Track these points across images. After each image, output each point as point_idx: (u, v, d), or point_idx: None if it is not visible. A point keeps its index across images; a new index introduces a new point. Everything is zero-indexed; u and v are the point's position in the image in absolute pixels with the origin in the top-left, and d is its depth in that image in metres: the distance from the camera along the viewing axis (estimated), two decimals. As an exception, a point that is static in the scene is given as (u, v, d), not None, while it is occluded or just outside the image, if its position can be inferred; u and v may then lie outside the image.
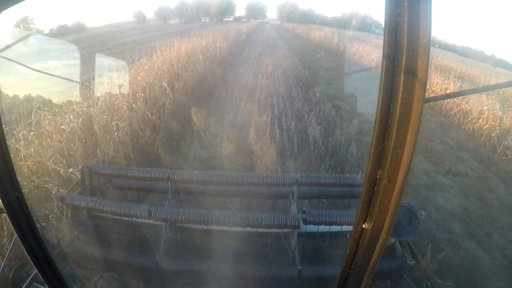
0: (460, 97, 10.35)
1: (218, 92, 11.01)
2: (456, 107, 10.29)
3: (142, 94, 9.08)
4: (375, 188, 1.11)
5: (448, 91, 11.01)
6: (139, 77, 10.16)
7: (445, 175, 6.84)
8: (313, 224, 3.13)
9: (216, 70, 12.57)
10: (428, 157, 7.50)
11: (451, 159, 7.58)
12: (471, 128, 9.50)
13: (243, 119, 8.70)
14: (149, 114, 8.32)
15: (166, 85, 9.87)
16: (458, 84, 11.85)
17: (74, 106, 7.64)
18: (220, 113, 9.14)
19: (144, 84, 9.80)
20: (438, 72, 13.17)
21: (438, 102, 10.80)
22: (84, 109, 7.59)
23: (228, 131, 7.85)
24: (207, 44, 14.96)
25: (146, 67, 10.89)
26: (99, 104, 7.96)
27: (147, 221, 3.32)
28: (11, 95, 7.67)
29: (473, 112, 9.81)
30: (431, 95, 10.88)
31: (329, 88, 11.74)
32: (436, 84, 12.06)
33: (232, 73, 13.11)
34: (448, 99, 10.85)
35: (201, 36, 15.91)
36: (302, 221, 3.10)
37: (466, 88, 11.71)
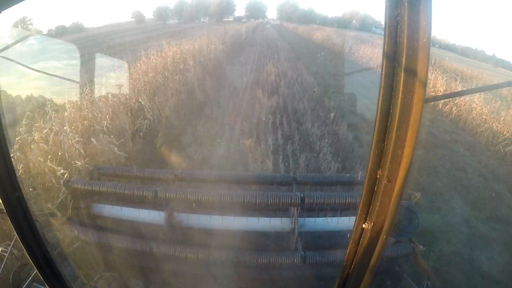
0: (491, 113, 9.46)
1: (209, 109, 8.92)
2: (484, 124, 9.29)
3: (106, 122, 6.90)
4: (375, 188, 1.11)
5: (472, 105, 10.11)
6: (109, 95, 7.97)
7: (485, 222, 5.89)
8: (312, 205, 3.12)
9: (208, 80, 10.67)
10: (465, 197, 6.46)
11: (490, 197, 6.59)
12: (502, 150, 8.34)
13: (237, 153, 6.79)
14: (115, 149, 6.32)
15: (143, 102, 7.97)
16: (489, 96, 10.30)
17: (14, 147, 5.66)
18: (208, 141, 7.19)
19: (118, 101, 7.81)
20: (459, 80, 11.89)
21: (462, 116, 10.01)
22: (30, 147, 5.77)
23: (216, 174, 5.64)
24: (201, 47, 13.22)
25: (125, 76, 9.04)
26: (50, 140, 5.95)
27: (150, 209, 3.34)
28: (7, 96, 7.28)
29: (505, 132, 8.73)
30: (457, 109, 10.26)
31: (341, 100, 9.93)
32: (464, 100, 10.37)
33: (227, 83, 11.14)
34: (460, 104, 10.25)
35: (197, 37, 14.44)
36: (301, 200, 3.07)
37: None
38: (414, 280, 2.99)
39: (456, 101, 10.54)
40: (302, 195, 3.08)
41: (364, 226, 1.18)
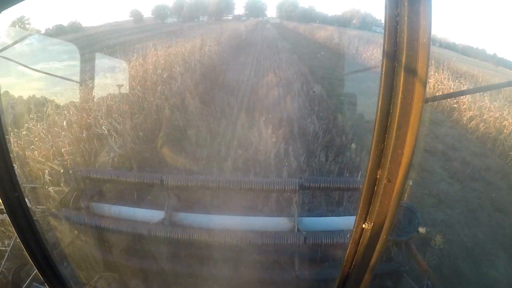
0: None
1: (194, 136, 6.95)
2: (513, 141, 8.23)
3: (56, 163, 5.11)
4: (375, 188, 1.11)
5: (504, 122, 8.98)
6: (65, 123, 6.16)
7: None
8: (309, 190, 3.19)
9: (197, 94, 8.62)
10: (509, 251, 5.26)
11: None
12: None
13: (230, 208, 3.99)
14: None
15: (106, 129, 6.25)
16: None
17: None
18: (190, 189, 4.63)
19: (78, 128, 6.05)
20: (488, 93, 10.02)
21: (491, 135, 9.00)
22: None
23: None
24: (193, 49, 11.56)
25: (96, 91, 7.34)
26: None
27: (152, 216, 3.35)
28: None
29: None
30: (479, 121, 9.35)
31: (359, 118, 8.03)
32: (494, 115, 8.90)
33: (219, 97, 9.05)
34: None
35: (194, 37, 13.22)
36: (298, 186, 3.11)
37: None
38: (414, 280, 2.99)
39: (484, 117, 9.37)
40: (300, 179, 3.12)
41: (364, 226, 1.18)
